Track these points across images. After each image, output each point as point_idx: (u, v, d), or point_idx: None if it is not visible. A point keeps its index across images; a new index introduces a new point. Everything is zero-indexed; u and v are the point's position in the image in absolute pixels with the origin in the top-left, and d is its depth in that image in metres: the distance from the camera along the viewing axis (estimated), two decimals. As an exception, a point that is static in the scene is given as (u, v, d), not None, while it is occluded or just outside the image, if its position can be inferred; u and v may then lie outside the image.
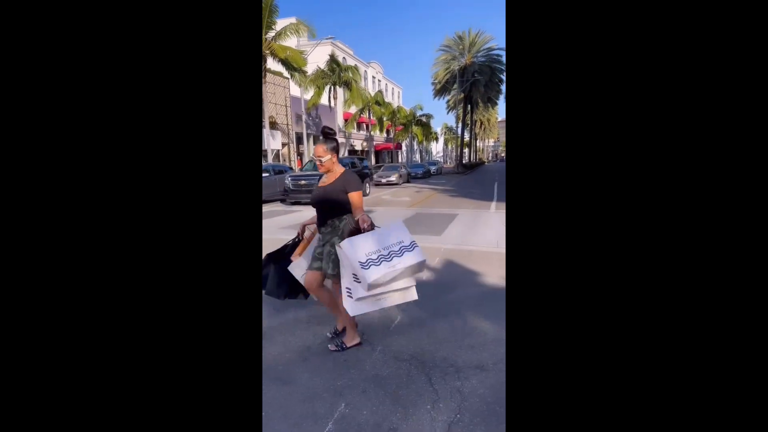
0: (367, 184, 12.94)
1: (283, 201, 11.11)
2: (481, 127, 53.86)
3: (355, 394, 1.89)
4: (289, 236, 2.78)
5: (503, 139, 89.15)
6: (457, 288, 3.43)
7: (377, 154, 30.15)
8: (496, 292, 3.31)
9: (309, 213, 8.74)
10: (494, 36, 54.91)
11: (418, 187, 15.94)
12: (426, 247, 5.02)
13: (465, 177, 23.37)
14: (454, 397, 1.84)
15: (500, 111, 63.37)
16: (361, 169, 12.56)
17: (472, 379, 1.97)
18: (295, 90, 20.12)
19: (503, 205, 8.99)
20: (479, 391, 1.88)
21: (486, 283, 3.57)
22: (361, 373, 2.07)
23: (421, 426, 1.65)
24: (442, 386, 1.93)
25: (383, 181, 17.14)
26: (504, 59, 30.25)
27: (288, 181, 10.68)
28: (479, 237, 5.61)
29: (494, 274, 3.81)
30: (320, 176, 2.31)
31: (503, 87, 29.76)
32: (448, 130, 59.40)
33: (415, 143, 41.76)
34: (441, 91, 31.33)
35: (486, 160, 67.09)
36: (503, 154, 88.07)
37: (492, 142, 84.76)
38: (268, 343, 2.43)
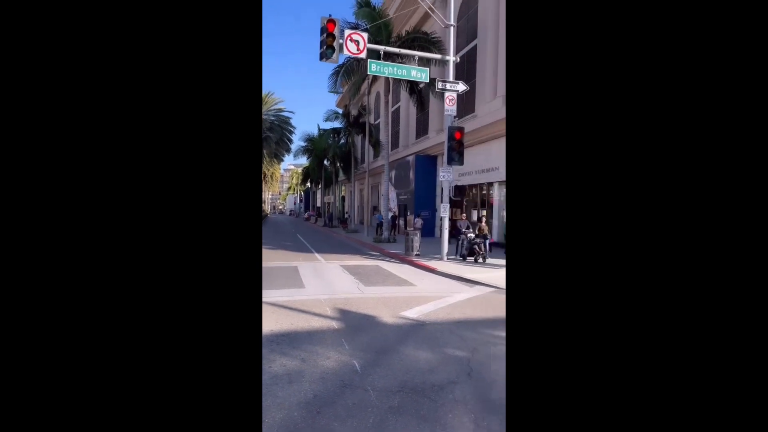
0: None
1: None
2: (264, 180, 54.39)
3: (405, 427, 2.14)
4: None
5: (283, 192, 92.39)
6: (371, 328, 3.91)
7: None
8: (405, 325, 4.00)
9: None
10: (284, 99, 60.52)
11: (223, 241, 14.74)
12: (306, 300, 5.18)
13: (262, 228, 22.88)
14: (468, 402, 2.39)
15: (282, 166, 66.32)
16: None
17: (456, 391, 2.57)
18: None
19: (328, 256, 9.81)
20: (466, 398, 2.50)
21: (387, 322, 4.20)
22: (377, 409, 2.30)
23: None
24: (451, 400, 2.44)
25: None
26: (292, 121, 32.68)
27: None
28: (339, 286, 6.14)
29: (386, 313, 4.48)
30: None
31: (292, 146, 31.90)
32: (230, 180, 56.81)
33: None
34: (231, 141, 30.43)
35: (268, 213, 67.51)
36: (281, 207, 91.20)
37: (271, 195, 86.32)
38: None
